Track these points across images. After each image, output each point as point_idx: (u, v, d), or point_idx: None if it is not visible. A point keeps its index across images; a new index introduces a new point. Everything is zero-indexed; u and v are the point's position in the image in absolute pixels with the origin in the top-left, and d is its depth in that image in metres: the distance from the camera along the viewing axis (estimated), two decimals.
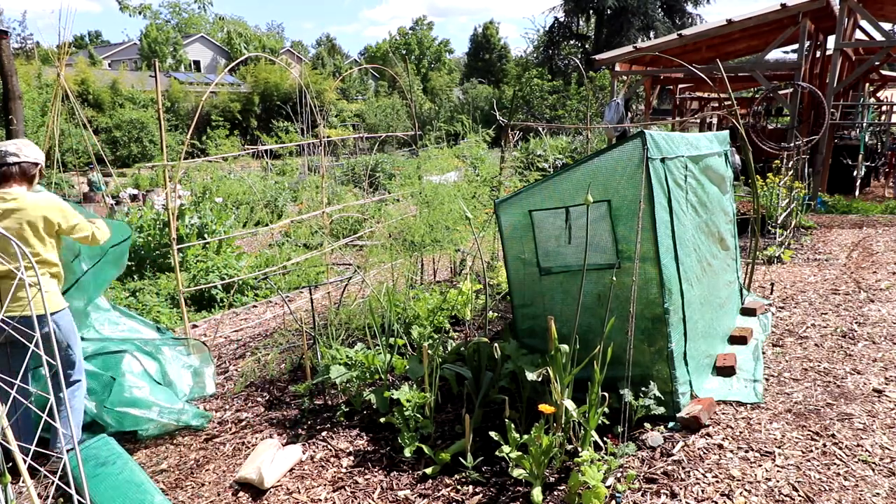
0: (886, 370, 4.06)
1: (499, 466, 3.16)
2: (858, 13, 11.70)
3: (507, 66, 46.97)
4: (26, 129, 16.01)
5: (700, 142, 4.39)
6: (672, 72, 13.88)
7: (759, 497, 2.79)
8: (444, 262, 7.20)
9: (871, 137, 13.47)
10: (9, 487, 1.95)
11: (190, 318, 6.17)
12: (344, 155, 19.51)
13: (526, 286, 3.92)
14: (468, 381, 3.65)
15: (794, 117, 11.66)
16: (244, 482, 3.21)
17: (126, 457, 3.23)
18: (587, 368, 3.15)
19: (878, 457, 3.06)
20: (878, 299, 5.58)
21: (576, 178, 3.54)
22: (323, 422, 3.80)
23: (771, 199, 8.21)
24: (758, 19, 11.81)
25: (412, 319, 4.77)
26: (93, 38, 62.36)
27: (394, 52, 50.44)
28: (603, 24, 38.05)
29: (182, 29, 48.88)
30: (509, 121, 7.28)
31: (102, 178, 14.06)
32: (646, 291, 3.42)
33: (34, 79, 24.60)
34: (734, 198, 5.43)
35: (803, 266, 7.07)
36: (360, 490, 3.10)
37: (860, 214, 10.57)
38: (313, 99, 6.90)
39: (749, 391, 3.79)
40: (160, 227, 7.85)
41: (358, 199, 8.48)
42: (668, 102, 23.52)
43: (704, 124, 16.47)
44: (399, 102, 34.24)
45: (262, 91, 33.02)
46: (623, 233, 3.45)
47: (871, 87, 16.69)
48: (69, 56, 7.89)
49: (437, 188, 5.24)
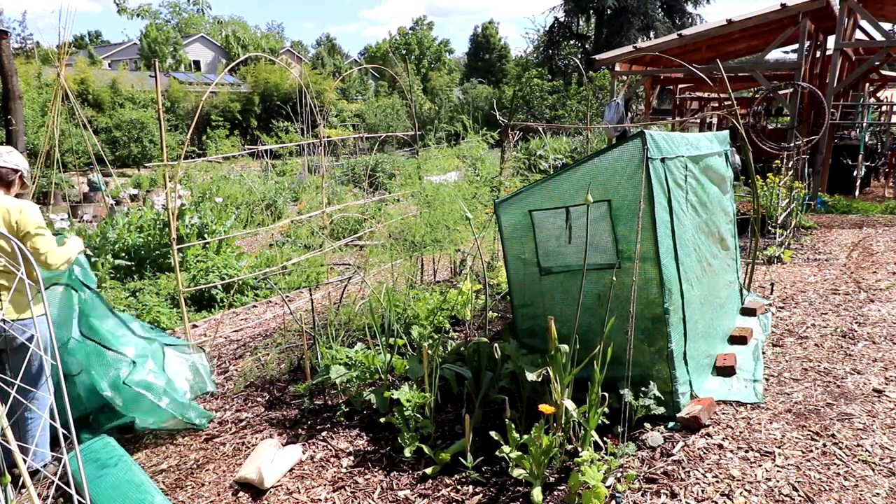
0: (886, 370, 4.06)
1: (499, 466, 3.16)
2: (858, 13, 11.70)
3: (507, 66, 46.97)
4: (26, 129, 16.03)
5: (700, 142, 4.39)
6: (672, 72, 13.88)
7: (759, 497, 2.79)
8: (444, 262, 7.20)
9: (871, 137, 13.47)
10: (9, 487, 1.95)
11: (190, 318, 6.18)
12: (344, 155, 19.51)
13: (526, 286, 3.92)
14: (468, 381, 3.65)
15: (794, 117, 11.66)
16: (244, 482, 3.21)
17: (126, 457, 3.24)
18: (587, 368, 3.15)
19: (878, 457, 3.06)
20: (878, 299, 5.58)
21: (576, 178, 3.54)
22: (323, 422, 3.80)
23: (771, 199, 8.21)
24: (758, 19, 11.81)
25: (412, 319, 4.77)
26: (93, 38, 62.36)
27: (394, 52, 50.45)
28: (603, 24, 38.05)
29: (182, 29, 48.86)
30: (509, 121, 7.28)
31: (102, 178, 14.05)
32: (646, 291, 3.42)
33: (34, 79, 24.59)
34: (734, 198, 5.43)
35: (803, 266, 7.07)
36: (360, 490, 3.10)
37: (860, 214, 10.57)
38: (313, 99, 6.90)
39: (749, 391, 3.79)
40: (160, 227, 7.85)
41: (358, 200, 8.48)
42: (668, 102, 23.53)
43: (704, 124, 16.47)
44: (399, 102, 34.24)
45: (262, 91, 33.01)
46: (623, 233, 3.45)
47: (871, 87, 16.69)
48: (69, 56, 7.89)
49: (438, 188, 5.24)
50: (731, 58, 16.33)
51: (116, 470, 3.10)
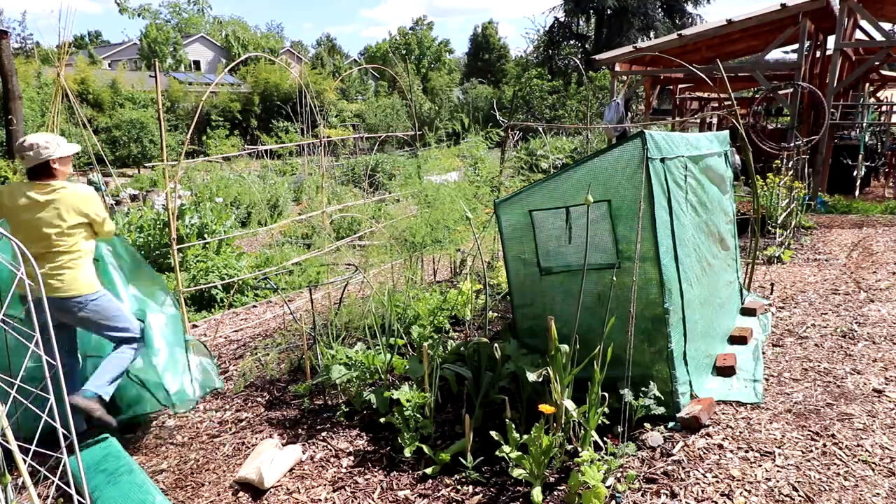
0: (886, 370, 4.06)
1: (499, 466, 3.16)
2: (858, 13, 11.69)
3: (507, 66, 46.96)
4: (26, 129, 16.01)
5: (700, 142, 4.39)
6: (672, 72, 13.88)
7: (759, 497, 2.79)
8: (444, 262, 7.19)
9: (871, 137, 13.46)
10: (9, 487, 1.95)
11: (190, 318, 6.17)
12: (344, 155, 19.50)
13: (526, 286, 3.92)
14: (468, 381, 3.65)
15: (794, 117, 11.66)
16: (244, 482, 3.21)
17: (127, 457, 3.24)
18: (587, 368, 3.15)
19: (878, 457, 3.06)
20: (878, 299, 5.58)
21: (576, 178, 3.54)
22: (323, 422, 3.80)
23: (771, 199, 8.21)
24: (758, 19, 11.81)
25: (412, 319, 4.77)
26: (93, 38, 62.34)
27: (394, 52, 50.42)
28: (603, 24, 38.06)
29: (182, 29, 48.84)
30: (509, 121, 7.28)
31: (102, 178, 14.04)
32: (646, 291, 3.42)
33: (34, 79, 24.58)
34: (734, 198, 5.43)
35: (803, 266, 7.07)
36: (360, 490, 3.10)
37: (860, 214, 10.57)
38: (313, 99, 6.90)
39: (749, 391, 3.79)
40: (160, 226, 7.85)
41: (358, 200, 8.48)
42: (668, 102, 23.50)
43: (704, 124, 16.46)
44: (399, 102, 34.21)
45: (262, 91, 32.98)
46: (623, 233, 3.45)
47: (871, 87, 16.69)
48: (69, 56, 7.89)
49: (438, 188, 5.24)
50: (731, 58, 16.33)
51: (117, 469, 3.10)
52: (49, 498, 2.88)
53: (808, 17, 11.36)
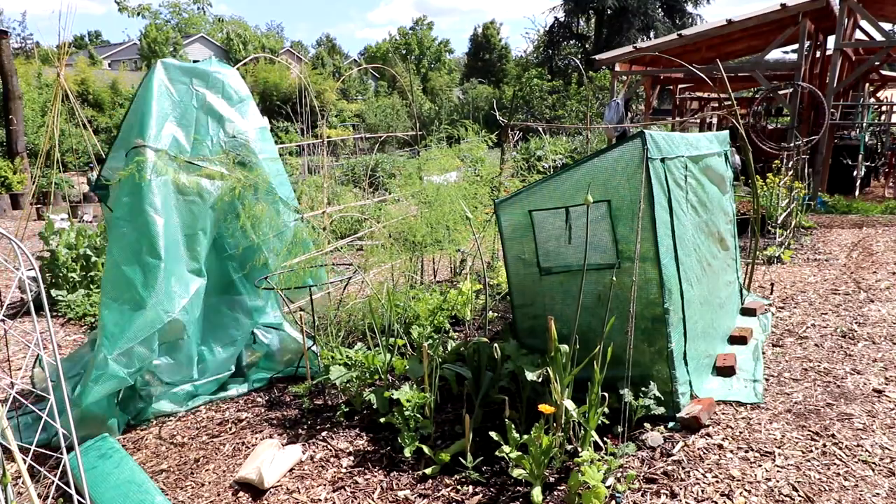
0: (886, 370, 4.06)
1: (499, 466, 3.16)
2: (858, 13, 11.70)
3: (507, 67, 46.98)
4: (26, 129, 16.00)
5: (700, 142, 4.39)
6: (672, 72, 13.88)
7: (759, 497, 2.79)
8: (444, 263, 7.19)
9: (871, 137, 13.47)
10: (9, 487, 1.95)
11: None
12: (344, 155, 19.49)
13: (526, 286, 3.92)
14: (468, 381, 3.65)
15: (794, 117, 11.67)
16: (244, 482, 3.21)
17: (127, 457, 3.24)
18: (587, 368, 3.15)
19: (878, 457, 3.06)
20: (878, 299, 5.59)
21: (576, 178, 3.54)
22: (323, 422, 3.80)
23: (771, 199, 8.21)
24: (758, 19, 11.82)
25: (412, 319, 4.77)
26: (93, 39, 62.37)
27: (394, 52, 50.43)
28: (603, 24, 38.08)
29: (182, 29, 48.88)
30: (509, 121, 7.28)
31: None
32: (646, 291, 3.42)
33: (34, 79, 24.56)
34: (734, 198, 5.43)
35: (803, 266, 7.07)
36: (360, 490, 3.10)
37: (860, 214, 10.57)
38: (313, 99, 6.90)
39: (749, 391, 3.79)
40: None
41: (358, 200, 8.47)
42: (668, 102, 23.52)
43: (704, 124, 16.47)
44: (399, 102, 34.23)
45: (262, 91, 32.97)
46: (623, 233, 3.45)
47: (871, 87, 16.69)
48: (69, 56, 7.89)
49: (438, 188, 5.24)
50: (731, 58, 16.34)
51: (117, 470, 3.10)
52: (49, 498, 2.88)
53: (808, 17, 11.37)
